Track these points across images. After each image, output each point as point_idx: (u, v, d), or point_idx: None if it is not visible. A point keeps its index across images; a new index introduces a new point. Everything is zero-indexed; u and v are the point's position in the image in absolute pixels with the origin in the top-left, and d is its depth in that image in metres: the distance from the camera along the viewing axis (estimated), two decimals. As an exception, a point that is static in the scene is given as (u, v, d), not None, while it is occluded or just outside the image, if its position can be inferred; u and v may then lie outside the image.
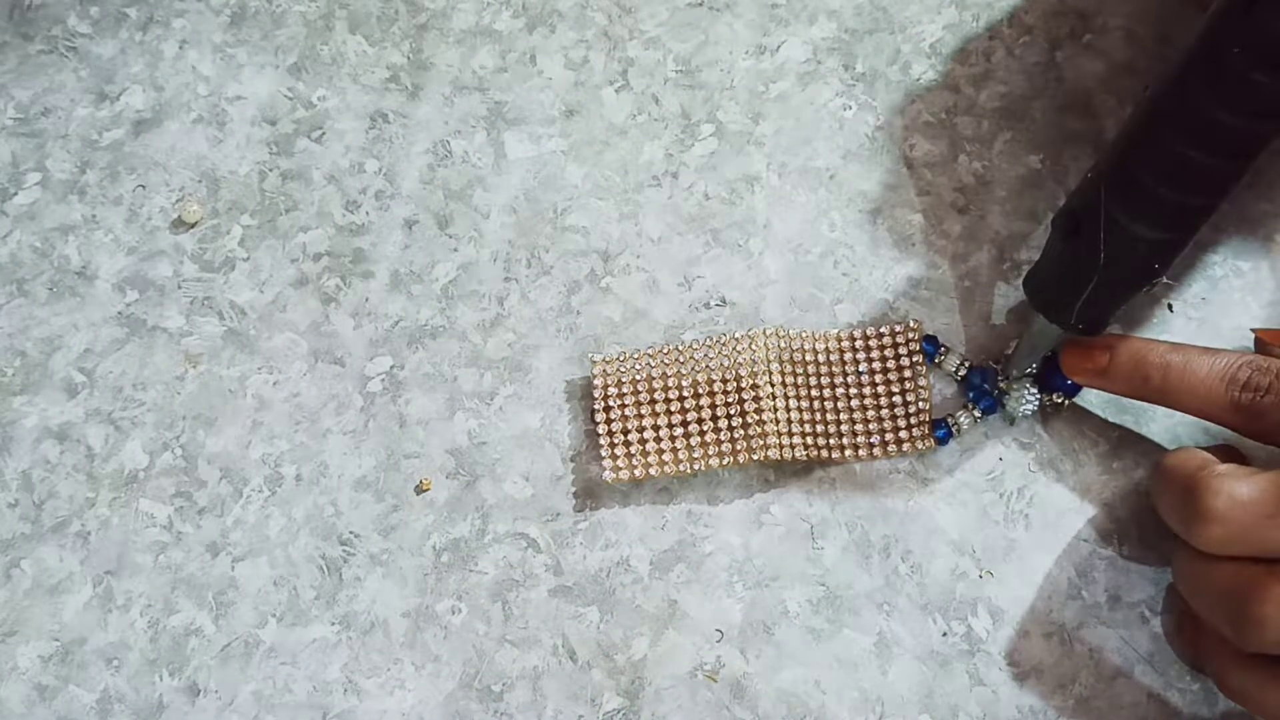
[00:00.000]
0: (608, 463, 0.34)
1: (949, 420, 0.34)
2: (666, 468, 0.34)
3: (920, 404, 0.34)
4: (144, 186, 0.39)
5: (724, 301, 0.36)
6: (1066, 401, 0.34)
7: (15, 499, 0.35)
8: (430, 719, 0.33)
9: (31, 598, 0.34)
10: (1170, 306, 0.35)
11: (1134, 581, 0.33)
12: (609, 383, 0.34)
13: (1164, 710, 0.32)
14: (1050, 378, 0.34)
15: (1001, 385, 0.34)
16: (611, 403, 0.34)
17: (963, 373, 0.34)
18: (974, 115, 0.38)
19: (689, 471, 0.34)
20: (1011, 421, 0.34)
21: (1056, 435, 0.34)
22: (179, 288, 0.37)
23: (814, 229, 0.37)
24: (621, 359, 0.35)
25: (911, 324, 0.35)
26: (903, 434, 0.34)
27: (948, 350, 0.35)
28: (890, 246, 0.37)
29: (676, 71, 0.39)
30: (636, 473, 0.34)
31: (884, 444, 0.34)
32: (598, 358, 0.35)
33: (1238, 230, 0.36)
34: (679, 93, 0.39)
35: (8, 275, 0.38)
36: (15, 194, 0.39)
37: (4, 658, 0.34)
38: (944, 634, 0.33)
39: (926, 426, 0.34)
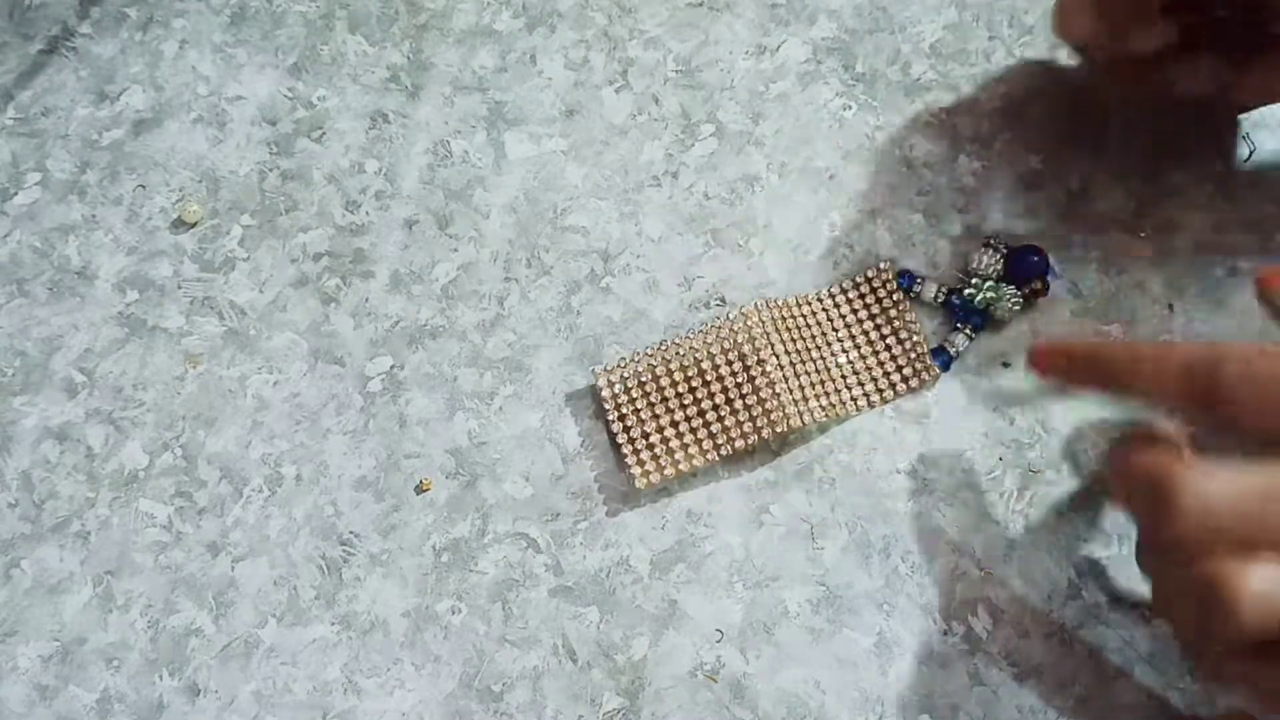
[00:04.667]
0: (635, 470, 0.34)
1: (945, 346, 0.35)
2: (694, 460, 0.34)
3: (914, 338, 0.35)
4: (144, 186, 0.39)
5: (724, 301, 0.36)
6: (1045, 286, 0.35)
7: (15, 499, 0.35)
8: (430, 719, 0.33)
9: (31, 598, 0.34)
10: (1171, 306, 0.35)
11: (1134, 582, 0.33)
12: (617, 390, 0.34)
13: (1164, 710, 0.32)
14: (1015, 271, 0.35)
15: (983, 293, 0.35)
16: (624, 409, 0.34)
17: (941, 298, 0.35)
18: (974, 115, 0.38)
19: (716, 459, 0.34)
20: (1007, 315, 0.35)
21: (1056, 434, 0.34)
22: (179, 288, 0.37)
23: (814, 229, 0.37)
24: (624, 364, 0.35)
25: (883, 265, 0.35)
26: (906, 371, 0.35)
27: (924, 280, 0.35)
28: (890, 246, 0.37)
29: (676, 71, 0.39)
30: (665, 472, 0.34)
31: (892, 385, 0.35)
32: (599, 368, 0.35)
33: (1238, 230, 0.36)
34: (679, 93, 0.39)
35: (8, 275, 0.38)
36: (15, 194, 0.39)
37: (4, 658, 0.34)
38: (944, 634, 0.33)
39: (926, 358, 0.35)
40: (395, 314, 0.37)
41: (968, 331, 0.35)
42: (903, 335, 0.35)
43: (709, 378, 0.34)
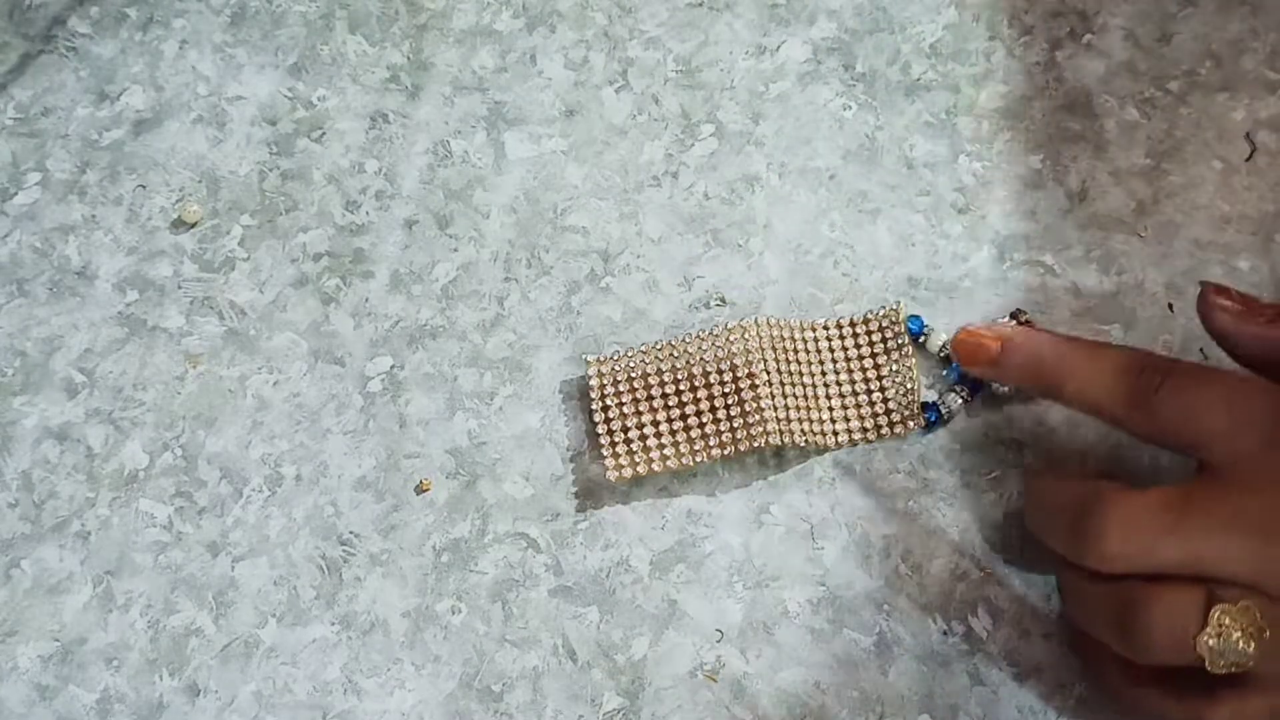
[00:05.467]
0: (609, 461, 0.34)
1: (939, 403, 0.34)
2: (669, 462, 0.34)
3: (908, 386, 0.34)
4: (144, 186, 0.39)
5: (724, 301, 0.36)
6: None
7: (15, 499, 0.35)
8: (430, 719, 0.33)
9: (31, 598, 0.34)
10: (1170, 306, 0.35)
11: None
12: (605, 382, 0.34)
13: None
14: None
15: None
16: (609, 401, 0.34)
17: (945, 352, 0.35)
18: (974, 115, 0.38)
19: (690, 464, 0.34)
20: (1009, 396, 0.34)
21: (1057, 435, 0.34)
22: (179, 288, 0.37)
23: (814, 229, 0.37)
24: (616, 358, 0.35)
25: (894, 307, 0.35)
26: (894, 416, 0.34)
27: (932, 331, 0.35)
28: (890, 246, 0.37)
29: (676, 71, 0.39)
30: (639, 469, 0.34)
31: (877, 428, 0.34)
32: (592, 358, 0.35)
33: (1238, 230, 0.36)
34: (679, 93, 0.39)
35: (8, 275, 0.38)
36: (15, 194, 0.39)
37: (4, 658, 0.34)
38: (944, 634, 0.33)
39: (915, 408, 0.34)
40: (395, 314, 0.37)
41: (964, 395, 0.34)
42: (899, 380, 0.34)
43: (698, 383, 0.34)
